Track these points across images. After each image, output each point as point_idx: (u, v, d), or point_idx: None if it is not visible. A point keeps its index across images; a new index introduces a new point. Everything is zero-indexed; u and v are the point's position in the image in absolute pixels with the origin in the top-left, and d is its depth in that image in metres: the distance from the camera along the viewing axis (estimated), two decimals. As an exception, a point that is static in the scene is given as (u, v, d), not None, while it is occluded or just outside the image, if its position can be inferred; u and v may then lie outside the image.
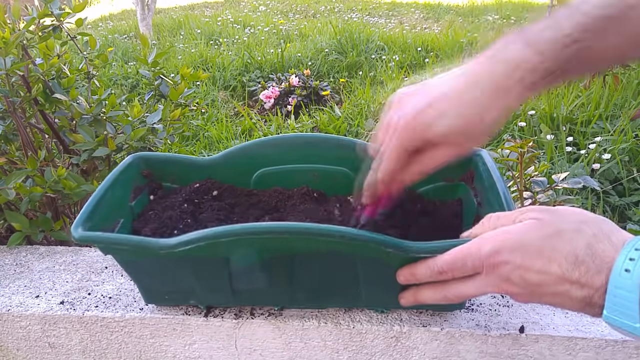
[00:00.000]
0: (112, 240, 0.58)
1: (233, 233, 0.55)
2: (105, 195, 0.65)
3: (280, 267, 0.60)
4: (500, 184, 0.62)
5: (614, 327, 0.38)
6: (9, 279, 0.77)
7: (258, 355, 0.69)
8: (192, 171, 0.77)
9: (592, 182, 0.92)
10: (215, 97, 3.13)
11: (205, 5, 7.35)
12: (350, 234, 0.54)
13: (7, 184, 0.87)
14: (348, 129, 2.18)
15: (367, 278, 0.61)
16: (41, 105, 1.00)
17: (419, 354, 0.65)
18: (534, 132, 1.95)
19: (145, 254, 0.58)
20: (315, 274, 0.61)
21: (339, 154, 0.76)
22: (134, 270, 0.63)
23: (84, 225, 0.58)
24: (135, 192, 0.73)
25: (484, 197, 0.67)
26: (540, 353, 0.63)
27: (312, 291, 0.64)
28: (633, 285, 0.36)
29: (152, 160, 0.76)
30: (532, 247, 0.42)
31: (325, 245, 0.56)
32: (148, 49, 1.16)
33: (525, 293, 0.43)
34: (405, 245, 0.54)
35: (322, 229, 0.54)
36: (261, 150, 0.77)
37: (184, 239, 0.55)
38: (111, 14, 7.14)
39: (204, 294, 0.65)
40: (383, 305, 0.66)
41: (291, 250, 0.57)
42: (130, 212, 0.71)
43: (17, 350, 0.73)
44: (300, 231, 0.55)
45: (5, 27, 0.91)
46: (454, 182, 0.75)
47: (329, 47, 3.70)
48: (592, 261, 0.39)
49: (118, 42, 4.54)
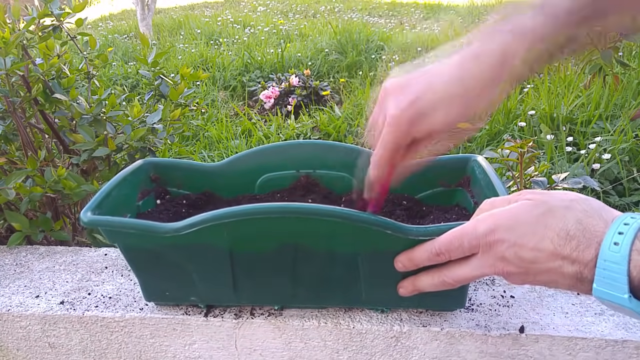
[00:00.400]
0: (119, 224, 0.59)
1: (239, 213, 0.55)
2: (113, 191, 0.66)
3: (283, 262, 0.61)
4: (498, 184, 0.63)
5: (604, 301, 0.39)
6: (9, 279, 0.77)
7: (258, 355, 0.69)
8: (197, 177, 0.78)
9: (592, 182, 0.92)
10: (215, 97, 3.13)
11: (205, 5, 7.35)
12: (354, 214, 0.55)
13: (7, 184, 0.87)
14: (348, 129, 2.18)
15: (367, 275, 0.61)
16: (41, 105, 1.00)
17: (419, 354, 0.65)
18: (534, 132, 1.95)
19: (151, 239, 0.59)
20: (317, 271, 0.62)
21: (343, 160, 0.77)
22: (136, 261, 0.63)
23: (93, 211, 0.60)
24: (143, 194, 0.74)
25: (481, 197, 0.67)
26: (540, 353, 0.63)
27: (313, 289, 0.64)
28: (621, 258, 0.37)
29: (160, 165, 0.78)
30: (525, 225, 0.43)
31: (328, 227, 0.56)
32: (148, 49, 1.16)
33: (521, 272, 0.44)
34: (405, 227, 0.55)
35: (328, 209, 0.55)
36: (266, 157, 0.78)
37: (189, 221, 0.56)
38: (111, 14, 7.14)
39: (205, 290, 0.65)
40: (384, 304, 0.66)
41: (294, 236, 0.58)
42: (136, 210, 0.73)
43: (17, 350, 0.73)
44: (307, 211, 0.55)
45: (5, 27, 0.91)
46: (451, 187, 0.76)
47: (329, 47, 3.70)
48: (582, 236, 0.40)
49: (118, 42, 4.54)
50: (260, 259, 0.61)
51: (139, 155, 1.05)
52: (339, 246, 0.59)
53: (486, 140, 1.95)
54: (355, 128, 2.15)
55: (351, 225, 0.56)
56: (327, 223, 0.56)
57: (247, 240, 0.59)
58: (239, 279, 0.63)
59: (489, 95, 0.48)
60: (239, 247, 0.60)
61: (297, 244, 0.59)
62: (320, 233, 0.58)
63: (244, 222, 0.56)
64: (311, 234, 0.58)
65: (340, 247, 0.59)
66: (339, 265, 0.61)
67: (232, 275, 0.62)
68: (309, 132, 2.27)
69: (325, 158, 0.78)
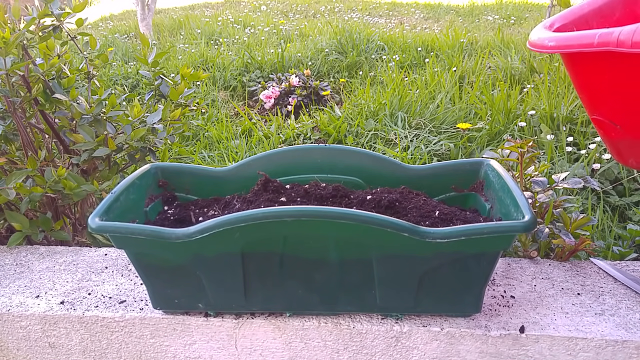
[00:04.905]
0: (128, 230, 0.58)
1: (252, 217, 0.55)
2: (122, 195, 0.66)
3: (296, 266, 0.60)
4: (514, 186, 0.63)
5: None
6: (9, 279, 0.77)
7: (258, 355, 0.69)
8: (205, 182, 0.78)
9: (592, 182, 0.92)
10: (216, 97, 3.13)
11: (206, 5, 7.35)
12: (368, 216, 0.55)
13: (7, 184, 0.87)
14: (348, 129, 2.18)
15: (383, 280, 0.60)
16: (41, 105, 1.00)
17: (419, 354, 0.65)
18: (534, 132, 1.95)
19: (160, 245, 0.59)
20: (330, 275, 0.61)
21: (353, 164, 0.77)
22: (145, 268, 0.63)
23: (101, 217, 0.60)
24: (150, 199, 0.74)
25: (495, 200, 0.67)
26: (540, 353, 0.63)
27: (327, 294, 0.64)
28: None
29: (168, 170, 0.78)
30: None
31: (343, 230, 0.56)
32: (148, 49, 1.16)
33: None
34: (422, 230, 0.54)
35: (342, 212, 0.55)
36: (273, 162, 0.78)
37: (201, 226, 0.56)
38: (111, 14, 7.14)
39: (215, 297, 0.64)
40: (399, 310, 0.65)
41: (307, 240, 0.58)
42: (144, 217, 0.72)
43: (17, 350, 0.73)
44: (320, 214, 0.55)
45: (5, 27, 0.91)
46: (464, 192, 0.76)
47: (329, 47, 3.70)
48: None
49: (118, 42, 4.54)
50: (271, 264, 0.60)
51: (139, 155, 1.04)
52: (353, 250, 0.58)
53: (486, 140, 1.95)
54: (355, 128, 2.15)
55: (366, 228, 0.55)
56: (341, 225, 0.55)
57: (259, 244, 0.58)
58: (250, 285, 0.62)
59: None
60: (251, 252, 0.59)
61: (310, 247, 0.59)
62: (333, 236, 0.57)
63: (256, 226, 0.56)
64: (323, 237, 0.58)
65: (355, 250, 0.58)
66: (354, 269, 0.60)
67: (243, 282, 0.62)
68: (309, 132, 2.27)
69: (335, 162, 0.77)
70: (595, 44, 0.57)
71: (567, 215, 0.84)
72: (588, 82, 0.66)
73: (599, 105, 0.66)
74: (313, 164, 0.78)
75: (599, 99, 0.66)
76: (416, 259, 0.58)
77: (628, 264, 0.78)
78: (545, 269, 0.77)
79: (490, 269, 0.60)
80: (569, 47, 0.61)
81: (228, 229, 0.55)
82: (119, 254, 0.84)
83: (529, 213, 0.56)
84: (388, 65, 3.19)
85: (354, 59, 3.46)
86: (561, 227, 0.84)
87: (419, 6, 6.41)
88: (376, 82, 2.95)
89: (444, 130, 2.06)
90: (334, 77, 3.38)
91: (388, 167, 0.77)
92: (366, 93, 2.56)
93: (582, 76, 0.66)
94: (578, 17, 0.76)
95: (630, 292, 0.70)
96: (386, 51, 3.63)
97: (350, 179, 0.78)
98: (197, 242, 0.57)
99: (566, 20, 0.75)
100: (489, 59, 2.96)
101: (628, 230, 1.14)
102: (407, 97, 2.34)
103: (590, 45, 0.57)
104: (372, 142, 2.03)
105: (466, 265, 0.59)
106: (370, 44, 3.71)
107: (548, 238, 0.81)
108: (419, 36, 3.92)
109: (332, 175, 0.78)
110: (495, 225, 0.56)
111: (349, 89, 3.01)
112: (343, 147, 0.78)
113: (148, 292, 0.66)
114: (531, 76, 2.62)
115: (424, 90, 2.44)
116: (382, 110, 2.26)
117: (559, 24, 0.74)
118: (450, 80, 2.57)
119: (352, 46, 3.63)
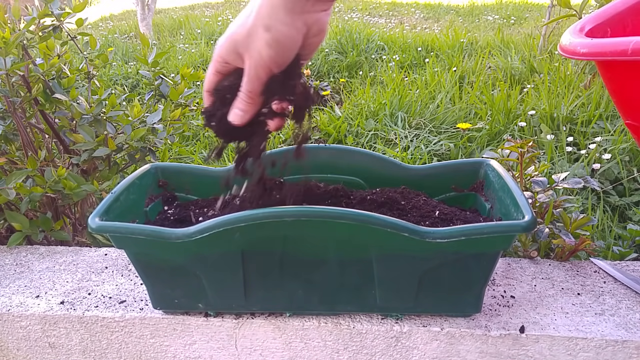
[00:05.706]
0: (128, 230, 0.58)
1: (252, 218, 0.55)
2: (122, 195, 0.66)
3: (296, 266, 0.60)
4: (514, 186, 0.63)
5: None
6: (9, 279, 0.77)
7: (258, 355, 0.69)
8: (206, 182, 0.78)
9: (592, 182, 0.92)
10: (216, 97, 3.12)
11: (206, 5, 7.35)
12: (368, 216, 0.54)
13: (7, 184, 0.87)
14: (348, 129, 2.18)
15: (383, 280, 0.60)
16: (41, 105, 1.00)
17: (419, 354, 0.65)
18: (534, 132, 1.95)
19: (161, 245, 0.58)
20: (331, 275, 0.61)
21: (353, 164, 0.77)
22: (145, 268, 0.63)
23: (101, 217, 0.60)
24: (150, 199, 0.74)
25: (495, 200, 0.67)
26: (540, 353, 0.63)
27: (327, 294, 0.64)
28: None
29: (168, 170, 0.77)
30: None
31: (343, 230, 0.56)
32: (148, 49, 1.16)
33: None
34: (422, 229, 0.54)
35: (341, 212, 0.55)
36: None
37: (201, 226, 0.56)
38: (111, 14, 7.14)
39: (215, 297, 0.64)
40: (399, 310, 0.65)
41: (308, 240, 0.58)
42: (144, 217, 0.72)
43: (17, 350, 0.73)
44: (320, 214, 0.55)
45: (5, 27, 0.91)
46: (464, 192, 0.76)
47: (329, 47, 3.70)
48: None
49: (118, 42, 4.54)
50: (272, 264, 0.60)
51: (139, 155, 1.04)
52: (353, 250, 0.58)
53: (486, 140, 1.95)
54: (355, 128, 2.15)
55: (366, 228, 0.55)
56: (341, 225, 0.55)
57: (259, 244, 0.58)
58: (250, 285, 0.62)
59: None
60: (251, 252, 0.59)
61: (310, 247, 0.58)
62: (333, 236, 0.57)
63: (256, 226, 0.56)
64: (323, 237, 0.57)
65: (355, 250, 0.58)
66: (354, 269, 0.60)
67: (243, 282, 0.62)
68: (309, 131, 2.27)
69: (335, 162, 0.77)
70: (630, 52, 0.54)
71: (567, 215, 0.84)
72: (622, 87, 0.64)
73: (633, 111, 0.64)
74: (313, 164, 0.77)
75: (633, 104, 0.63)
76: (416, 259, 0.58)
77: (628, 264, 0.78)
78: (545, 269, 0.77)
79: (491, 269, 0.60)
80: (602, 55, 0.58)
81: (228, 229, 0.55)
82: (119, 254, 0.84)
83: (529, 213, 0.56)
84: (388, 65, 3.19)
85: (354, 59, 3.46)
86: (561, 227, 0.84)
87: (419, 6, 6.41)
88: (376, 82, 2.95)
89: (444, 130, 2.06)
90: (334, 77, 3.37)
91: (388, 167, 0.77)
92: (366, 93, 2.56)
93: (615, 82, 0.64)
94: (612, 16, 0.72)
95: (630, 292, 0.70)
96: (386, 51, 3.63)
97: (350, 179, 0.78)
98: (197, 242, 0.57)
99: (599, 21, 0.71)
100: (489, 59, 2.96)
101: (628, 230, 1.14)
102: (407, 97, 2.34)
103: (624, 53, 0.55)
104: (372, 142, 2.03)
105: (466, 265, 0.59)
106: (370, 44, 3.71)
107: (548, 238, 0.81)
108: (419, 36, 3.92)
109: (332, 175, 0.78)
110: (495, 225, 0.56)
111: (349, 89, 3.01)
112: (343, 147, 0.78)
113: (148, 292, 0.66)
114: (531, 76, 2.62)
115: (424, 90, 2.44)
116: (382, 110, 2.25)
117: (590, 26, 0.71)
118: (450, 80, 2.56)
119: (352, 46, 3.63)
